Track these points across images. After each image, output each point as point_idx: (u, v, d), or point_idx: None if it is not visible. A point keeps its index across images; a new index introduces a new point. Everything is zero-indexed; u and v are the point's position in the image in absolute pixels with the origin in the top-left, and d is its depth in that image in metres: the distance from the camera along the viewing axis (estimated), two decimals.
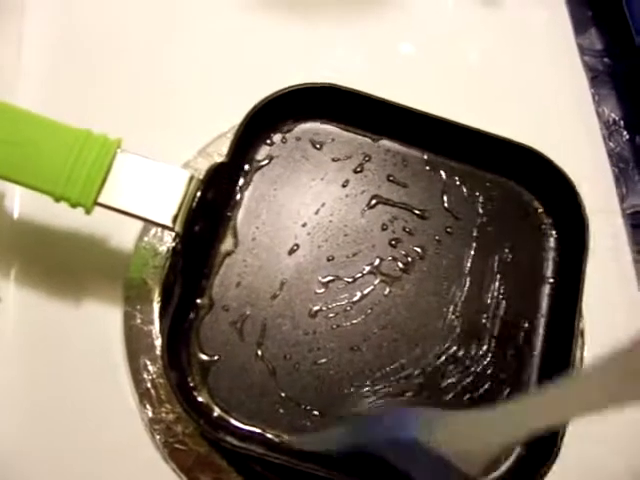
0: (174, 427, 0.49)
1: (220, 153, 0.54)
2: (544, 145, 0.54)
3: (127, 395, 0.50)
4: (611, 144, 0.65)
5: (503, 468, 0.48)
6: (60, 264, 0.53)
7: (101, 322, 0.51)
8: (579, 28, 0.69)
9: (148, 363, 0.50)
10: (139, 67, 0.59)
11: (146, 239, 0.53)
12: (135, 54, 0.60)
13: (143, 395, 0.49)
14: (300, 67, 0.60)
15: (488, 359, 0.51)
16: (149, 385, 0.49)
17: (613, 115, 0.66)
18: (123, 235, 0.53)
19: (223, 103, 0.57)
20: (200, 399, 0.47)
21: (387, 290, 0.51)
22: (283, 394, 0.48)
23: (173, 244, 0.52)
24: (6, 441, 0.48)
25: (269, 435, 0.47)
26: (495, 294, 0.52)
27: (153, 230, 0.53)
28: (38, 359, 0.50)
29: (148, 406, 0.49)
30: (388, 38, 0.65)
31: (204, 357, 0.48)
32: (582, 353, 0.54)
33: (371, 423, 0.45)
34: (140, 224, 0.52)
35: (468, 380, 0.50)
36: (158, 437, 0.49)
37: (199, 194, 0.46)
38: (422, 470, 0.40)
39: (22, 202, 0.53)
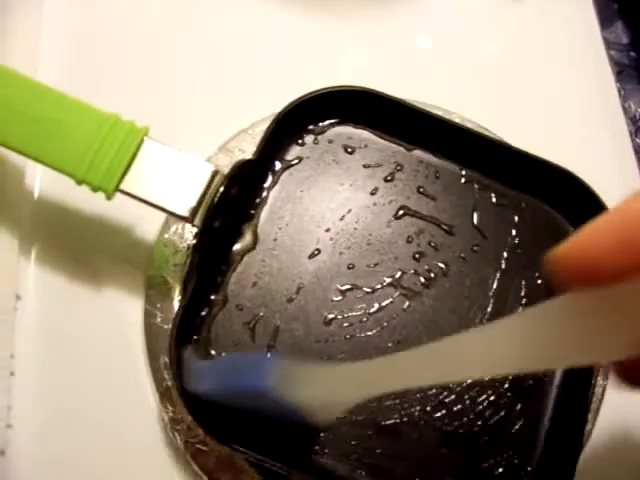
0: (194, 427, 0.48)
1: (241, 149, 0.53)
2: (568, 143, 0.52)
3: (148, 394, 0.49)
4: (638, 140, 0.63)
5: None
6: (80, 257, 0.52)
7: (121, 320, 0.51)
8: (605, 22, 0.67)
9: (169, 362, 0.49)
10: (158, 62, 0.59)
11: (167, 236, 0.52)
12: (156, 48, 0.59)
13: (164, 395, 0.48)
14: (320, 64, 0.59)
15: (504, 387, 0.49)
16: (170, 384, 0.48)
17: None
18: (144, 231, 0.52)
19: (244, 99, 0.56)
20: None
21: (406, 304, 0.50)
22: None
23: (194, 241, 0.51)
24: (24, 436, 0.48)
25: None
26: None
27: (174, 227, 0.52)
28: (57, 355, 0.50)
29: (169, 406, 0.48)
30: (405, 34, 0.63)
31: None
32: None
33: (224, 368, 0.44)
34: (161, 219, 0.52)
35: (480, 407, 0.48)
36: (179, 437, 0.48)
37: (222, 189, 0.45)
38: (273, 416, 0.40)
39: (42, 184, 0.52)
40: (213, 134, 0.54)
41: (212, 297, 0.48)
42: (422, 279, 0.51)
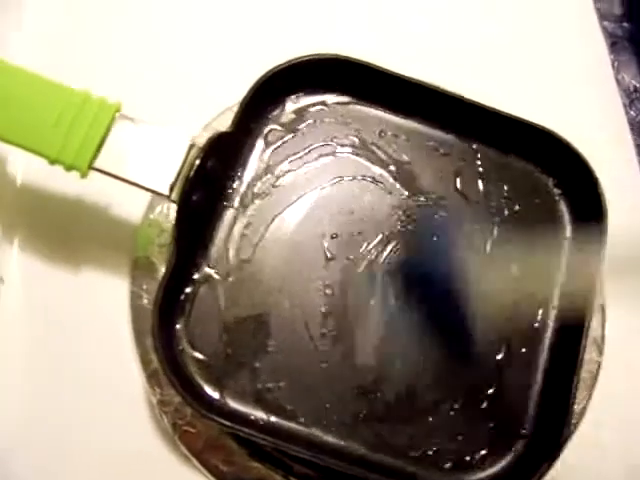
0: (182, 409, 0.48)
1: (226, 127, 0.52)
2: (562, 115, 0.52)
3: (135, 376, 0.49)
4: (632, 113, 0.61)
5: (503, 463, 0.47)
6: (64, 240, 0.52)
7: (107, 302, 0.50)
8: None
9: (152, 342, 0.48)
10: (143, 41, 0.58)
11: (152, 216, 0.52)
12: (140, 28, 0.59)
13: (151, 377, 0.48)
14: (307, 38, 0.58)
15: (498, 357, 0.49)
16: (157, 366, 0.47)
17: (634, 82, 0.63)
18: (129, 212, 0.52)
19: (228, 77, 0.56)
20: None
21: None
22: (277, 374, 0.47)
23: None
24: (10, 420, 0.48)
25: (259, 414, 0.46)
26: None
27: (159, 207, 0.52)
28: (42, 338, 0.50)
29: (156, 388, 0.48)
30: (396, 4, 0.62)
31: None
32: (603, 330, 0.52)
33: None
34: (146, 200, 0.51)
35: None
36: (167, 419, 0.48)
37: (198, 162, 0.45)
38: None
39: (25, 170, 0.52)
40: (198, 113, 0.54)
41: (194, 275, 0.48)
42: None
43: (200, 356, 0.47)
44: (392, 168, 0.52)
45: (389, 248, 0.50)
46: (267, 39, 0.59)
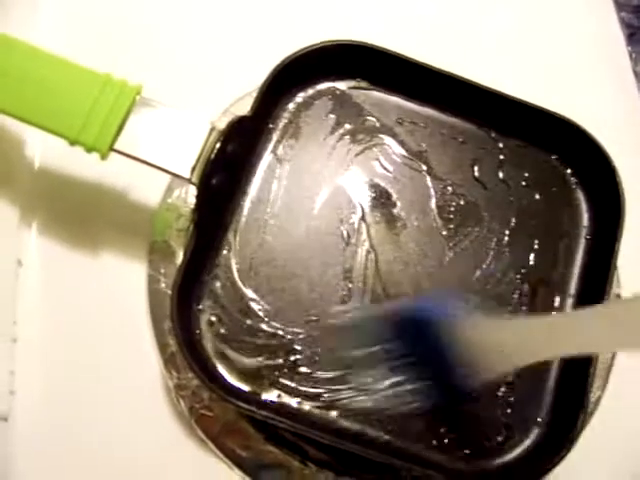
0: (199, 393, 0.48)
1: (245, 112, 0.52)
2: (578, 106, 0.51)
3: (152, 360, 0.49)
4: None
5: (519, 450, 0.47)
6: (81, 224, 0.52)
7: (125, 286, 0.50)
8: None
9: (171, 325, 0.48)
10: (163, 25, 0.58)
11: (169, 201, 0.52)
12: (161, 13, 0.59)
13: (168, 361, 0.48)
14: (326, 25, 0.58)
15: None
16: (174, 350, 0.48)
17: None
18: (147, 197, 0.52)
19: (248, 62, 0.56)
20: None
21: None
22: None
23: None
24: (27, 403, 0.48)
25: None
26: (525, 269, 0.50)
27: (177, 191, 0.52)
28: (59, 321, 0.50)
29: (173, 372, 0.48)
30: None
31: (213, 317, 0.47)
32: None
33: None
34: (164, 184, 0.51)
35: None
36: (184, 403, 0.48)
37: (218, 146, 0.45)
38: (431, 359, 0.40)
39: (43, 153, 0.52)
40: (217, 98, 0.54)
41: (213, 259, 0.48)
42: None
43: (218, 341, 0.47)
44: (412, 154, 0.52)
45: None
46: (284, 26, 0.59)
